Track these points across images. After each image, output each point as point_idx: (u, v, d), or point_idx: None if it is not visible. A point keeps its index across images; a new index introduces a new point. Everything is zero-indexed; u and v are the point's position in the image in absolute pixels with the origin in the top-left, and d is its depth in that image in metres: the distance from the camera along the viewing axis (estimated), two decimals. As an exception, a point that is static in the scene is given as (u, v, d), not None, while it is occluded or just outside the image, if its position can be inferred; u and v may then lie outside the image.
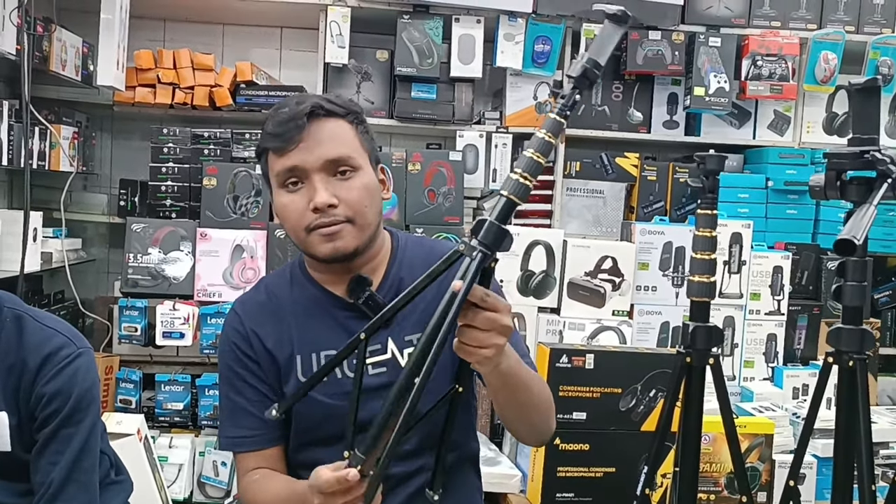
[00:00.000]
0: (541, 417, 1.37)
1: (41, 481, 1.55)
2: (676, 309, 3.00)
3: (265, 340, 1.44)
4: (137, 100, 2.94)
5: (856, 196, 1.09)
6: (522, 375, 1.30)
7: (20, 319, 1.60)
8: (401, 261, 1.46)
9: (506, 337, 1.13)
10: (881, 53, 3.22)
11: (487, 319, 1.11)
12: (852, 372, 1.08)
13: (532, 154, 1.08)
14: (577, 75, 1.09)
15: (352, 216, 1.34)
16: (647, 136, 3.29)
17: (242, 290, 2.86)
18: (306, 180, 1.34)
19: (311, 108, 1.34)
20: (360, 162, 1.37)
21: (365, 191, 1.36)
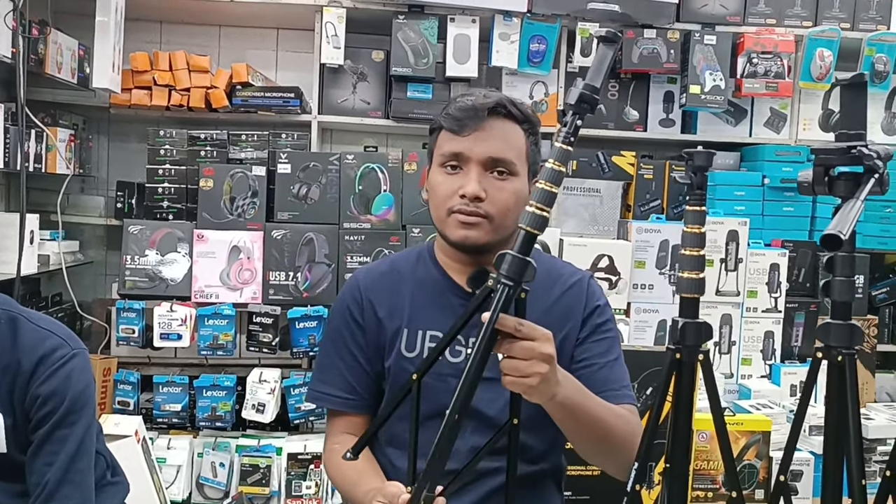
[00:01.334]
0: (618, 454, 1.35)
1: (36, 482, 1.55)
2: (673, 307, 2.96)
3: (378, 309, 1.49)
4: (133, 102, 2.94)
5: (843, 191, 1.09)
6: (589, 408, 1.29)
7: (15, 321, 1.60)
8: None
9: (548, 364, 1.14)
10: (876, 50, 3.22)
11: (524, 349, 1.13)
12: (841, 367, 1.09)
13: (544, 185, 1.12)
14: (576, 102, 1.12)
15: (493, 214, 1.40)
16: (644, 134, 3.30)
17: (239, 292, 2.87)
18: (465, 167, 1.40)
19: (495, 104, 1.40)
20: (519, 169, 1.43)
21: (513, 196, 1.41)
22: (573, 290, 1.49)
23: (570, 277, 1.51)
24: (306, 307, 2.84)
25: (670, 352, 1.14)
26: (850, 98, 1.12)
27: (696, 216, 1.14)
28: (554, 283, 1.49)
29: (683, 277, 1.14)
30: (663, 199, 3.26)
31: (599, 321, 1.48)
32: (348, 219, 2.92)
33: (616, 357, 1.47)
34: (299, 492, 2.78)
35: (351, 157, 2.93)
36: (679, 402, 1.13)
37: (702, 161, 1.13)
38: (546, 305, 1.46)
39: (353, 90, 3.18)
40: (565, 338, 1.45)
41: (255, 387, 2.81)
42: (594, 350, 1.45)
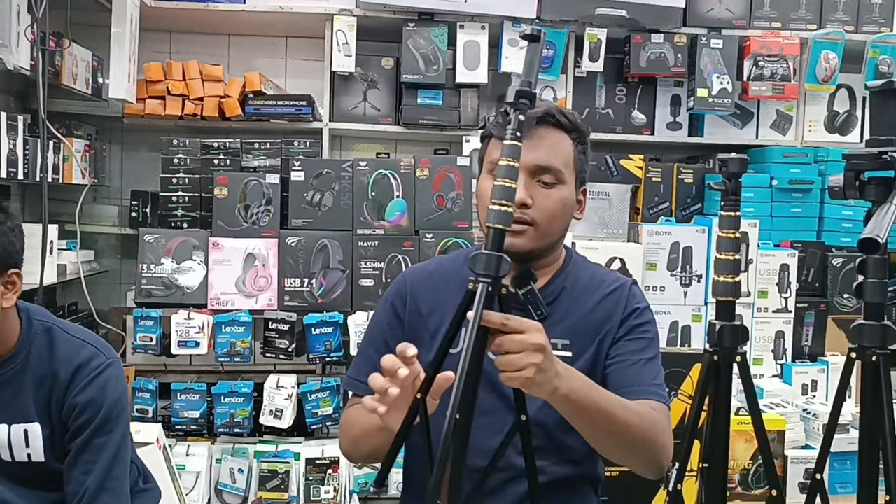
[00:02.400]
0: (639, 450, 1.33)
1: (74, 490, 1.58)
2: (685, 308, 3.04)
3: (421, 305, 1.53)
4: (147, 112, 2.96)
5: (874, 195, 1.12)
6: (598, 402, 1.27)
7: (50, 331, 1.63)
8: (568, 273, 1.53)
9: (541, 354, 1.14)
10: (880, 52, 3.26)
11: (514, 341, 1.13)
12: (875, 367, 1.11)
13: (502, 182, 1.14)
14: (514, 99, 1.15)
15: (539, 221, 1.42)
16: (651, 137, 3.33)
17: (255, 299, 2.89)
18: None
19: (544, 113, 1.43)
20: (567, 177, 1.45)
21: (559, 204, 1.44)
22: (614, 294, 1.50)
23: (613, 283, 1.53)
24: (322, 313, 2.86)
25: (708, 354, 1.17)
26: (879, 104, 1.15)
27: (731, 221, 1.17)
28: (596, 288, 1.51)
29: (719, 281, 1.17)
30: (672, 201, 3.29)
31: (637, 322, 1.48)
32: (362, 225, 2.94)
33: (651, 357, 1.46)
34: (318, 497, 2.80)
35: (363, 164, 2.96)
36: (717, 402, 1.16)
37: (736, 167, 1.16)
38: (587, 309, 1.48)
39: (364, 97, 3.21)
40: (603, 339, 1.47)
41: (273, 393, 2.83)
42: (627, 348, 1.45)
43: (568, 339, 1.47)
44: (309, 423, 2.87)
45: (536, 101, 1.45)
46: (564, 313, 1.48)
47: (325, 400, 2.86)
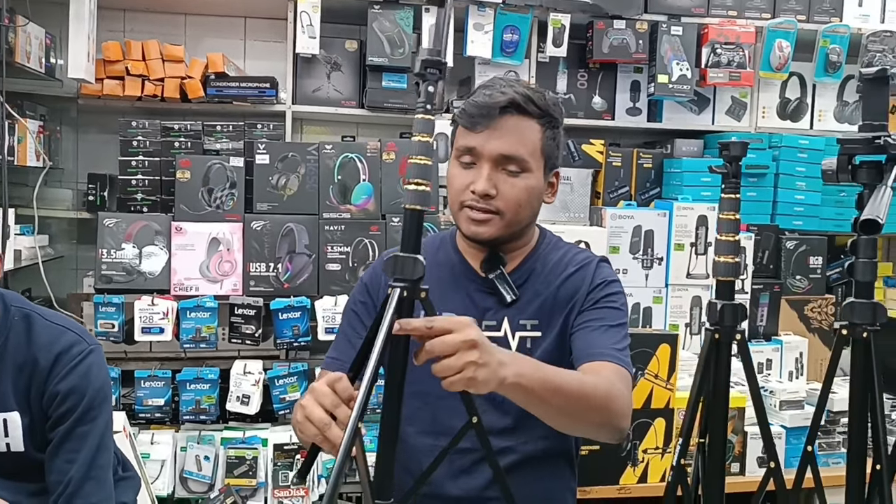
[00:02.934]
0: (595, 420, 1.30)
1: (58, 480, 1.54)
2: (647, 290, 3.10)
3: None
4: (106, 92, 2.88)
5: (866, 178, 1.17)
6: (550, 380, 1.23)
7: (29, 318, 1.58)
8: (538, 255, 1.55)
9: (476, 350, 1.09)
10: (831, 41, 3.37)
11: (444, 344, 1.08)
12: (867, 342, 1.17)
13: (416, 159, 1.08)
14: (420, 70, 1.10)
15: (504, 210, 1.43)
16: (611, 122, 3.38)
17: (220, 284, 2.85)
18: (478, 163, 1.44)
19: (507, 102, 1.42)
20: (532, 165, 1.45)
21: (524, 192, 1.45)
22: (581, 271, 1.53)
23: (581, 261, 1.55)
24: (289, 298, 2.84)
25: (709, 332, 1.20)
26: (871, 91, 1.20)
27: (732, 203, 1.21)
28: (564, 267, 1.54)
29: (720, 262, 1.21)
30: (631, 185, 3.35)
31: (602, 294, 1.50)
32: (328, 209, 2.92)
33: (613, 324, 1.46)
34: (286, 482, 2.78)
35: (329, 147, 2.93)
36: (717, 379, 1.20)
37: (737, 151, 1.19)
38: (554, 288, 1.51)
39: (328, 79, 3.18)
40: (569, 313, 1.49)
41: (240, 379, 2.80)
42: (591, 316, 1.47)
43: (537, 319, 1.50)
44: (276, 409, 2.85)
45: (504, 87, 1.45)
46: (534, 294, 1.51)
47: (293, 385, 2.84)
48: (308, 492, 2.79)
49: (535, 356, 1.46)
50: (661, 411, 2.60)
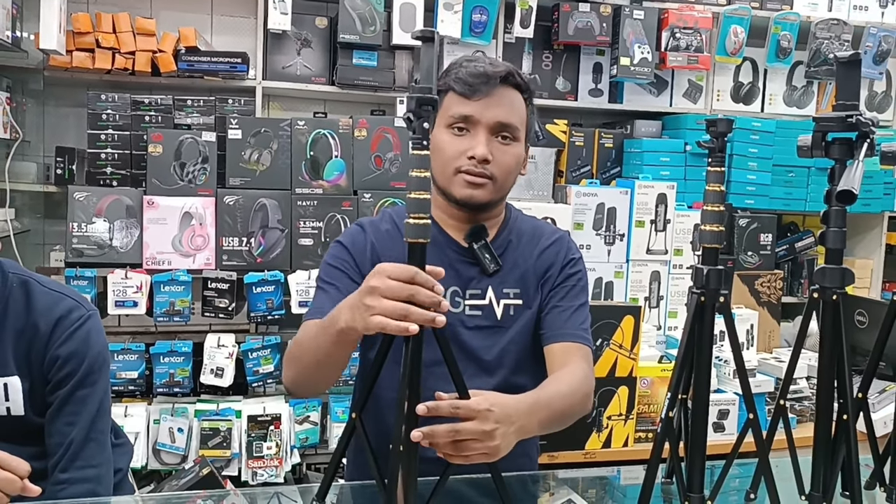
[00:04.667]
0: (578, 415, 1.48)
1: (59, 442, 1.56)
2: (609, 265, 3.22)
3: (381, 254, 1.53)
4: (75, 64, 2.85)
5: (838, 154, 1.27)
6: (548, 412, 1.36)
7: (26, 284, 1.59)
8: (512, 227, 1.61)
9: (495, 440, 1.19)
10: (781, 28, 3.52)
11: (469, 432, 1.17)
12: (836, 304, 1.28)
13: (416, 195, 1.12)
14: (415, 108, 1.11)
15: (497, 175, 1.49)
16: (574, 103, 3.48)
17: (192, 258, 2.87)
18: (472, 130, 1.48)
19: (506, 73, 1.48)
20: (521, 135, 1.52)
21: (514, 159, 1.51)
22: (555, 245, 1.62)
23: (553, 235, 1.64)
24: (262, 272, 2.87)
25: (695, 295, 1.30)
26: (845, 73, 1.30)
27: (717, 176, 1.30)
28: (540, 237, 1.62)
29: (706, 230, 1.30)
30: (593, 164, 3.46)
31: (572, 272, 1.62)
32: (300, 184, 2.95)
33: (581, 304, 1.60)
34: (260, 452, 2.83)
35: (302, 123, 2.96)
36: (702, 339, 1.30)
37: (724, 127, 1.28)
38: (532, 259, 1.59)
39: (298, 55, 3.20)
40: (544, 284, 1.59)
41: (214, 352, 2.83)
42: (561, 294, 1.58)
43: (518, 288, 1.57)
44: (250, 381, 2.89)
45: (492, 60, 1.51)
46: (513, 264, 1.58)
47: (266, 358, 2.88)
48: (282, 462, 2.85)
49: (518, 324, 1.57)
50: (625, 380, 2.72)
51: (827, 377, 1.35)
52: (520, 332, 1.56)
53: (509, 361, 1.56)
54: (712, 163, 1.33)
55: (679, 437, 1.39)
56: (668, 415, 1.33)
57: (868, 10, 3.61)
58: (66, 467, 1.54)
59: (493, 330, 1.56)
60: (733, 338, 1.33)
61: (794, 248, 3.74)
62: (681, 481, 1.37)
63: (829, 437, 1.36)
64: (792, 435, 1.45)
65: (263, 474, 2.82)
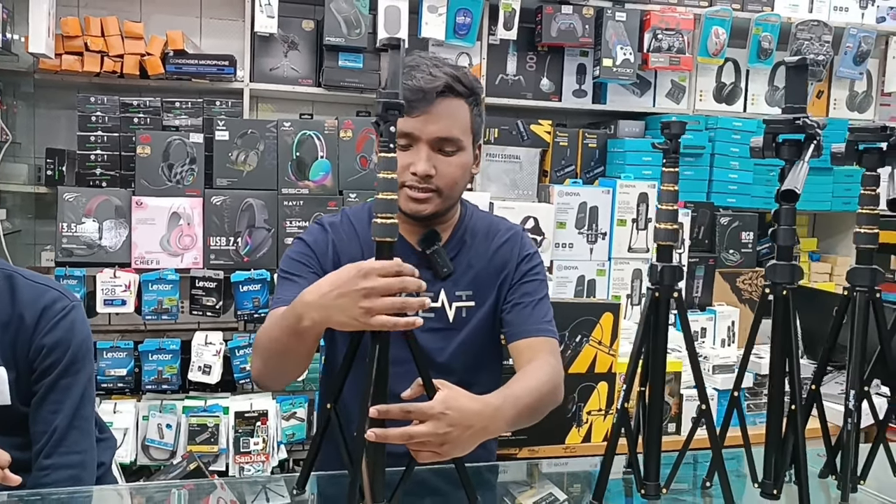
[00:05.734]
0: (550, 408, 1.53)
1: (43, 430, 1.61)
2: (591, 263, 3.27)
3: (341, 254, 1.57)
4: (64, 68, 2.90)
5: (787, 154, 1.32)
6: (519, 413, 1.40)
7: (11, 278, 1.65)
8: (467, 226, 1.64)
9: (448, 444, 1.22)
10: (763, 29, 3.57)
11: (421, 433, 1.20)
12: (786, 299, 1.33)
13: (384, 196, 1.16)
14: (382, 112, 1.15)
15: (442, 188, 1.50)
16: (559, 104, 3.53)
17: (180, 257, 2.92)
18: (415, 146, 1.49)
19: (443, 86, 1.47)
20: (465, 143, 1.52)
21: (460, 169, 1.52)
22: (509, 242, 1.65)
23: (507, 232, 1.67)
24: (248, 271, 2.92)
25: (650, 291, 1.35)
26: (793, 78, 1.35)
27: (671, 176, 1.36)
28: (493, 235, 1.65)
29: (661, 228, 1.35)
30: (577, 164, 3.51)
31: (528, 267, 1.64)
32: (286, 185, 3.01)
33: (541, 298, 1.62)
34: (248, 448, 2.88)
35: (288, 125, 3.02)
36: (657, 332, 1.35)
37: (677, 129, 1.34)
38: (486, 259, 1.63)
39: (285, 58, 3.25)
40: (502, 283, 1.63)
41: (201, 349, 2.88)
42: (523, 290, 1.61)
43: (471, 290, 1.61)
44: (237, 379, 2.94)
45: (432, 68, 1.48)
46: (467, 266, 1.61)
47: (253, 355, 2.93)
48: (269, 457, 2.90)
49: (471, 325, 1.61)
50: (604, 375, 2.77)
51: (778, 370, 1.40)
52: (472, 333, 1.60)
53: (463, 362, 1.59)
54: (667, 163, 1.38)
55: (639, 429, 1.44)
56: (624, 405, 1.38)
57: (848, 11, 3.66)
58: (50, 453, 1.60)
59: (446, 332, 1.59)
60: (687, 332, 1.39)
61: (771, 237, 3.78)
62: (637, 470, 1.42)
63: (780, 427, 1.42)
64: (746, 425, 1.51)
65: (251, 469, 2.87)
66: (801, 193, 1.22)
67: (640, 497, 1.42)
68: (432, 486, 1.46)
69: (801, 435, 1.37)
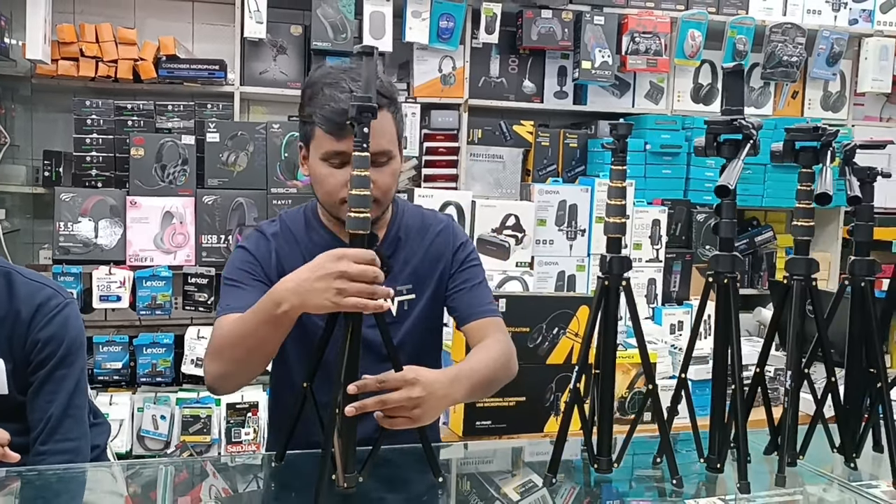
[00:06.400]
0: (504, 381, 1.66)
1: (39, 417, 1.73)
2: (570, 259, 3.38)
3: (284, 263, 1.62)
4: (60, 73, 3.01)
5: (727, 153, 1.43)
6: (474, 386, 1.53)
7: (8, 275, 1.76)
8: (400, 223, 1.72)
9: (419, 408, 1.34)
10: (737, 32, 3.68)
11: (395, 400, 1.33)
12: (727, 287, 1.45)
13: (356, 192, 1.26)
14: (356, 115, 1.24)
15: (379, 198, 1.56)
16: (540, 105, 3.64)
17: (173, 255, 3.03)
18: (349, 162, 1.49)
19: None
20: (394, 151, 1.58)
21: (392, 177, 1.59)
22: (442, 234, 1.73)
23: (439, 224, 1.75)
24: (239, 267, 3.03)
25: (600, 280, 1.46)
26: (731, 82, 1.47)
27: (619, 173, 1.47)
28: (426, 231, 1.73)
29: (609, 222, 1.47)
30: (559, 163, 3.63)
31: (464, 255, 1.74)
32: (275, 184, 3.12)
33: (480, 281, 1.73)
34: (239, 438, 2.99)
35: (276, 126, 3.13)
36: (607, 317, 1.46)
37: (624, 131, 1.45)
38: (422, 253, 1.71)
39: (274, 62, 3.36)
40: (441, 275, 1.72)
41: (194, 343, 2.99)
42: (462, 278, 1.72)
43: (410, 283, 1.70)
44: (228, 371, 3.05)
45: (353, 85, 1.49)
46: (404, 262, 1.69)
47: (244, 349, 3.04)
48: (259, 447, 3.01)
49: (412, 315, 1.70)
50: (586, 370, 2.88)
51: (720, 354, 1.52)
52: (414, 324, 1.70)
53: (408, 351, 1.66)
54: (615, 162, 1.49)
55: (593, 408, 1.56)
56: (577, 385, 1.50)
57: (821, 13, 3.77)
58: (46, 440, 1.71)
59: (390, 326, 1.59)
60: (634, 317, 1.50)
61: (753, 241, 3.90)
62: (590, 446, 1.54)
63: (724, 407, 1.54)
64: (693, 405, 1.62)
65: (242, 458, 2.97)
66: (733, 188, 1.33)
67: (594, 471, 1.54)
68: (399, 464, 1.57)
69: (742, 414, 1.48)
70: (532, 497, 1.50)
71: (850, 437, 1.59)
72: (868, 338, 1.57)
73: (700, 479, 1.55)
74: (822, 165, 1.45)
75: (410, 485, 1.51)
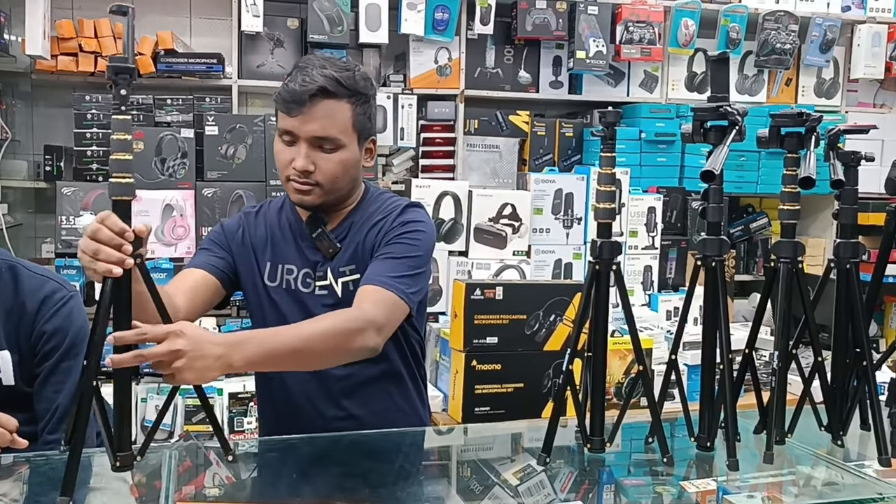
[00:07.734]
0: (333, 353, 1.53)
1: (46, 408, 1.77)
2: (567, 248, 3.42)
3: (254, 239, 1.76)
4: (60, 68, 3.04)
5: (714, 140, 1.47)
6: (280, 348, 1.45)
7: (14, 269, 1.80)
8: (361, 210, 1.76)
9: (182, 358, 1.34)
10: (731, 20, 3.71)
11: (153, 354, 1.37)
12: (714, 270, 1.48)
13: (115, 155, 1.30)
14: (112, 75, 1.26)
15: (322, 182, 1.62)
16: (536, 95, 3.67)
17: (174, 247, 3.07)
18: (296, 143, 1.61)
19: (317, 89, 1.56)
20: (345, 141, 1.62)
21: (340, 165, 1.63)
22: (388, 215, 1.73)
23: (391, 204, 1.76)
24: (239, 259, 3.07)
25: (591, 264, 1.50)
26: (717, 69, 1.50)
27: (608, 160, 1.50)
28: (377, 213, 1.74)
29: (599, 207, 1.50)
30: (554, 153, 3.66)
31: (398, 232, 1.68)
32: (274, 176, 3.15)
33: (398, 256, 1.65)
34: (241, 427, 3.03)
35: (274, 119, 3.15)
36: (598, 301, 1.50)
37: (612, 118, 1.49)
38: (366, 231, 1.72)
39: (271, 55, 3.39)
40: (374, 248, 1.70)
41: (196, 334, 3.02)
42: (385, 250, 1.68)
43: (353, 264, 1.70)
44: (230, 361, 3.09)
45: (316, 71, 1.58)
46: (350, 243, 1.72)
47: (245, 339, 3.08)
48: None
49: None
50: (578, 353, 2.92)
51: (710, 334, 1.56)
52: None
53: None
54: (604, 149, 1.53)
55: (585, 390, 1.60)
56: (569, 368, 1.54)
57: (813, 1, 3.79)
58: (54, 429, 1.76)
59: (336, 307, 1.67)
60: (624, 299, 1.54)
61: (748, 228, 3.94)
62: (583, 428, 1.58)
63: (713, 388, 1.58)
64: (684, 386, 1.66)
65: (244, 446, 3.02)
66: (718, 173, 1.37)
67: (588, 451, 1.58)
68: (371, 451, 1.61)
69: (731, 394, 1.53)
70: (528, 478, 1.54)
71: (837, 416, 1.63)
72: (854, 318, 1.60)
73: (692, 459, 1.59)
74: (806, 150, 1.49)
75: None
